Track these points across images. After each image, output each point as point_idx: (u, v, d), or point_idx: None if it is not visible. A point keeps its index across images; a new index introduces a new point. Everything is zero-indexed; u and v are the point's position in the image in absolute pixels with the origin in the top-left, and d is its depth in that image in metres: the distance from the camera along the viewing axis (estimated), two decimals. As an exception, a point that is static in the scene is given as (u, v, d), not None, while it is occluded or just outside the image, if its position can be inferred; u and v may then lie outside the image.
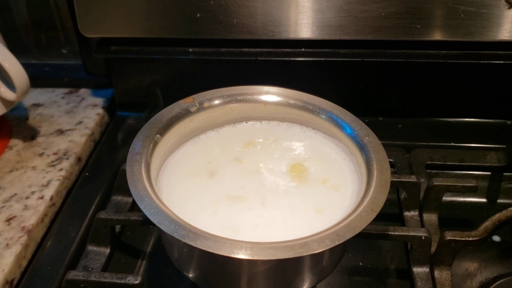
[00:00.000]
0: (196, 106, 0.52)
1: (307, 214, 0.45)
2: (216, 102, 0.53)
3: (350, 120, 0.50)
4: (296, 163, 0.50)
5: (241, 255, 0.37)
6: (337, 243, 0.38)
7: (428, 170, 0.68)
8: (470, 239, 0.52)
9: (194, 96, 0.53)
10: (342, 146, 0.51)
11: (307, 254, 0.37)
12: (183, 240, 0.38)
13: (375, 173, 0.44)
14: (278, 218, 0.44)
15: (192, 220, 0.40)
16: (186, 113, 0.51)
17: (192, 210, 0.45)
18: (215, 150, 0.52)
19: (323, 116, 0.52)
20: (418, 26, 0.64)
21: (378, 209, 0.41)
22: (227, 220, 0.44)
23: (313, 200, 0.46)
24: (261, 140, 0.54)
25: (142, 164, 0.44)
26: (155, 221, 0.39)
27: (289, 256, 0.37)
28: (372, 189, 0.42)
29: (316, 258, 0.43)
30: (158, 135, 0.48)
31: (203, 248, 0.37)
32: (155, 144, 0.48)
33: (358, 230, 0.39)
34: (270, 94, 0.54)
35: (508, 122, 0.74)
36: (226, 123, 0.55)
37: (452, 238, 0.52)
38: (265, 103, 0.54)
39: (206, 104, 0.52)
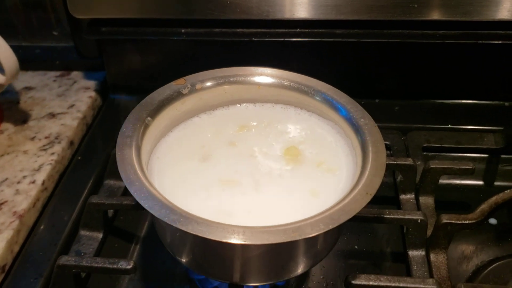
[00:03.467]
0: (188, 88, 0.51)
1: (302, 198, 0.44)
2: (209, 83, 0.52)
3: (345, 102, 0.49)
4: (290, 146, 0.49)
5: (234, 239, 0.36)
6: (331, 227, 0.37)
7: (424, 153, 0.68)
8: (467, 222, 0.51)
9: (186, 77, 0.51)
10: (337, 129, 0.50)
11: (300, 238, 0.36)
12: (174, 225, 0.37)
13: (370, 156, 0.43)
14: (273, 202, 0.44)
15: (184, 204, 0.39)
16: (177, 95, 0.50)
17: (184, 195, 0.44)
18: (208, 134, 0.51)
19: (318, 98, 0.51)
20: (416, 6, 0.62)
21: (373, 192, 0.40)
22: (220, 204, 0.43)
23: (308, 184, 0.45)
24: (255, 123, 0.53)
25: (133, 148, 0.43)
26: (145, 206, 0.38)
27: (282, 240, 0.36)
28: (367, 172, 0.41)
29: (310, 242, 0.42)
30: (149, 118, 0.47)
31: (195, 233, 0.36)
32: (146, 127, 0.46)
33: (352, 213, 0.38)
34: (264, 76, 0.53)
35: (506, 103, 0.73)
36: (219, 105, 0.54)
37: (449, 221, 0.51)
38: (259, 84, 0.53)
39: (198, 86, 0.51)
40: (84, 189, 0.63)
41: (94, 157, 0.68)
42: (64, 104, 0.76)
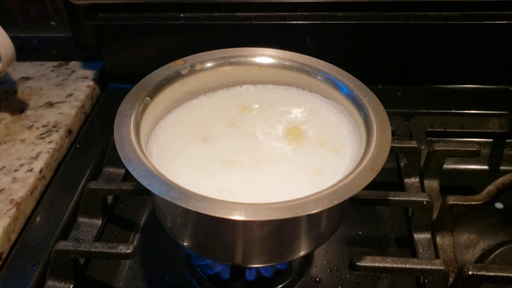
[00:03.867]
0: (187, 68, 0.50)
1: (305, 177, 0.43)
2: (209, 64, 0.51)
3: (348, 80, 0.48)
4: (293, 126, 0.48)
5: (236, 216, 0.35)
6: (335, 202, 0.36)
7: (428, 138, 0.67)
8: (473, 203, 0.50)
9: (185, 58, 0.50)
10: (340, 108, 0.49)
11: (304, 214, 0.35)
12: (174, 202, 0.36)
13: (374, 133, 0.42)
14: (275, 181, 0.42)
15: (185, 184, 0.38)
16: (177, 76, 0.49)
17: (184, 175, 0.42)
18: (208, 116, 0.50)
19: (320, 78, 0.50)
20: (418, -14, 0.61)
21: (378, 168, 0.39)
22: (221, 184, 0.42)
23: (312, 163, 0.44)
24: (256, 105, 0.51)
25: (131, 127, 0.42)
26: (144, 183, 0.37)
27: (285, 216, 0.35)
28: (372, 149, 0.40)
29: (313, 221, 0.41)
30: (147, 98, 0.46)
31: (195, 209, 0.35)
32: (145, 107, 0.45)
33: (358, 189, 0.37)
34: (265, 56, 0.52)
35: (511, 88, 0.72)
36: (219, 87, 0.52)
37: (455, 202, 0.50)
38: (260, 65, 0.52)
39: (198, 67, 0.50)
40: (82, 176, 0.62)
41: (93, 145, 0.67)
42: (62, 93, 0.75)
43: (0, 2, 0.81)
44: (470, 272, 0.43)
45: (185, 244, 0.44)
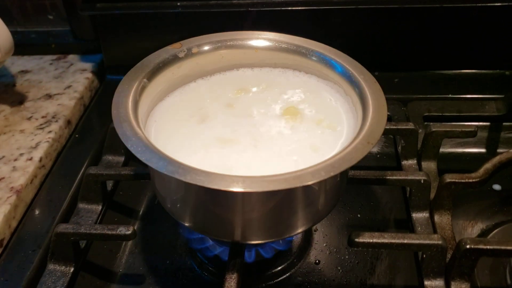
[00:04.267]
0: (184, 51, 0.50)
1: (302, 153, 0.43)
2: (205, 48, 0.51)
3: (344, 60, 0.49)
4: (290, 106, 0.48)
5: (234, 187, 0.35)
6: (332, 174, 0.36)
7: (425, 122, 0.67)
8: (471, 180, 0.51)
9: (182, 41, 0.51)
10: (336, 88, 0.49)
11: (301, 185, 0.35)
12: (173, 176, 0.36)
13: (370, 109, 0.42)
14: (272, 157, 0.43)
15: (183, 161, 0.38)
16: (174, 59, 0.49)
17: (182, 152, 0.43)
18: (205, 98, 0.50)
19: (315, 59, 0.50)
20: (413, -30, 0.62)
21: (374, 141, 0.39)
22: (219, 161, 0.42)
23: (309, 140, 0.44)
24: (253, 88, 0.52)
25: (129, 105, 0.42)
26: (142, 159, 0.37)
27: (283, 187, 0.35)
28: (367, 123, 0.41)
29: (311, 194, 0.41)
30: (145, 80, 0.46)
31: (194, 182, 0.35)
32: (143, 88, 0.46)
33: (354, 161, 0.37)
34: (261, 39, 0.52)
35: (507, 72, 0.73)
36: (217, 70, 0.53)
37: (452, 180, 0.50)
38: (256, 48, 0.52)
39: (194, 50, 0.51)
40: (82, 164, 0.62)
41: (92, 135, 0.68)
42: (61, 85, 0.75)
43: (-3, -3, 0.81)
44: (468, 246, 0.43)
45: (185, 223, 0.44)
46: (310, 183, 0.36)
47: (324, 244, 0.54)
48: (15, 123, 0.68)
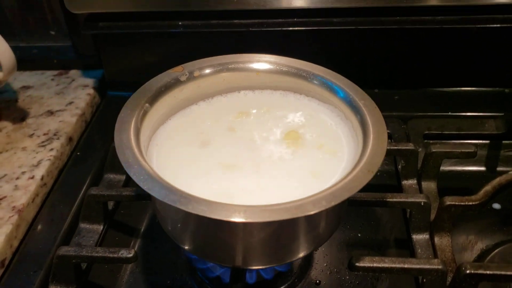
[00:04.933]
0: (186, 75, 0.50)
1: (303, 179, 0.43)
2: (207, 71, 0.52)
3: (344, 84, 0.49)
4: (291, 130, 0.49)
5: (235, 218, 0.36)
6: (333, 203, 0.36)
7: (425, 140, 0.67)
8: (470, 203, 0.51)
9: (183, 65, 0.51)
10: (337, 112, 0.50)
11: (302, 215, 0.36)
12: (175, 205, 0.36)
13: (371, 135, 0.43)
14: (273, 184, 0.43)
15: (184, 188, 0.39)
16: (176, 83, 0.50)
17: (184, 178, 0.43)
18: (207, 121, 0.51)
19: (316, 82, 0.51)
20: (413, -9, 0.62)
21: (375, 169, 0.39)
22: (221, 187, 0.43)
23: (309, 166, 0.45)
24: (254, 110, 0.52)
25: (131, 132, 0.43)
26: (145, 187, 0.38)
27: (284, 217, 0.35)
28: (368, 151, 0.41)
29: (312, 221, 0.41)
30: (147, 104, 0.47)
31: (195, 212, 0.36)
32: (145, 113, 0.46)
33: (354, 190, 0.38)
34: (262, 62, 0.52)
35: (506, 90, 0.73)
36: (218, 93, 0.53)
37: (452, 203, 0.51)
38: (257, 71, 0.52)
39: (196, 73, 0.51)
40: (83, 183, 0.62)
41: (94, 152, 0.68)
42: (63, 101, 0.76)
43: (0, 12, 0.82)
44: (468, 271, 0.43)
45: (186, 247, 0.45)
46: (311, 213, 0.36)
47: (325, 264, 0.54)
48: (17, 140, 0.68)
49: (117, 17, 0.70)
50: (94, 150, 0.69)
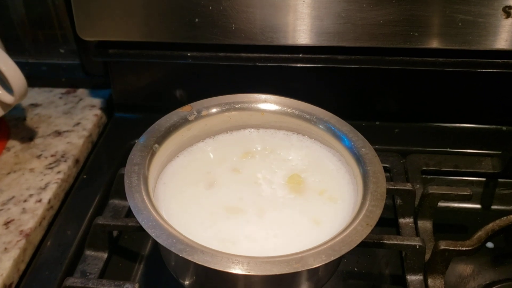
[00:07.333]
0: (194, 114, 0.52)
1: (304, 226, 0.45)
2: (214, 110, 0.53)
3: (347, 130, 0.51)
4: (293, 174, 0.50)
5: (238, 270, 0.37)
6: (332, 258, 0.38)
7: (423, 176, 0.69)
8: (464, 248, 0.52)
9: (192, 104, 0.53)
10: (338, 156, 0.52)
11: (303, 269, 0.38)
12: (181, 255, 0.38)
13: (370, 186, 0.44)
14: (276, 230, 0.45)
15: (190, 231, 0.41)
16: (184, 122, 0.52)
17: (190, 222, 0.45)
18: (213, 160, 0.53)
19: (320, 126, 0.52)
20: (416, 34, 0.64)
21: (373, 223, 0.41)
22: (225, 232, 0.44)
23: (311, 212, 0.47)
24: (259, 149, 0.54)
25: (141, 175, 0.44)
26: (152, 235, 0.39)
27: (285, 271, 0.37)
28: (367, 203, 0.43)
29: (312, 270, 0.43)
30: (156, 145, 0.48)
31: (200, 263, 0.38)
32: (153, 154, 0.48)
33: (353, 244, 0.39)
34: (268, 103, 0.54)
35: (504, 128, 0.75)
36: (224, 131, 0.55)
37: (446, 247, 0.52)
38: (263, 111, 0.54)
39: (204, 113, 0.53)
40: (89, 208, 0.64)
41: (99, 175, 0.70)
42: (70, 122, 0.77)
43: (11, 29, 0.83)
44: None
45: (186, 283, 0.46)
46: (311, 267, 0.38)
47: (321, 298, 0.56)
48: (25, 161, 0.70)
49: (127, 45, 0.71)
50: (100, 173, 0.70)
